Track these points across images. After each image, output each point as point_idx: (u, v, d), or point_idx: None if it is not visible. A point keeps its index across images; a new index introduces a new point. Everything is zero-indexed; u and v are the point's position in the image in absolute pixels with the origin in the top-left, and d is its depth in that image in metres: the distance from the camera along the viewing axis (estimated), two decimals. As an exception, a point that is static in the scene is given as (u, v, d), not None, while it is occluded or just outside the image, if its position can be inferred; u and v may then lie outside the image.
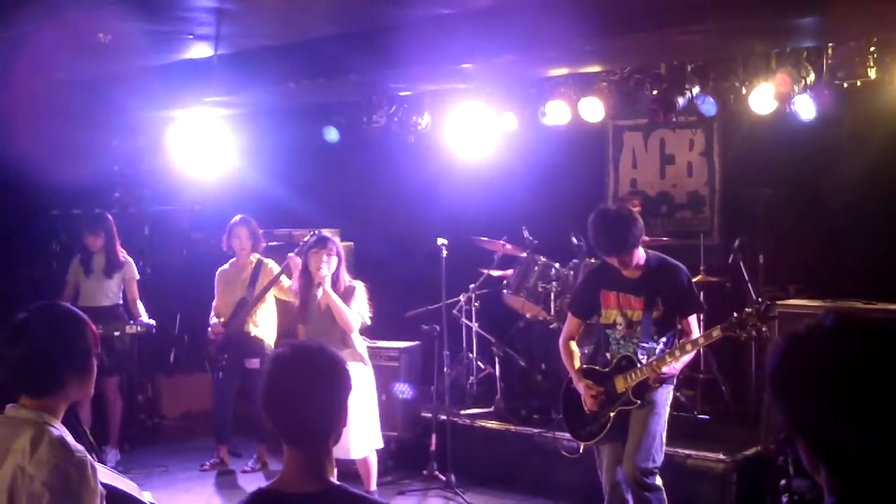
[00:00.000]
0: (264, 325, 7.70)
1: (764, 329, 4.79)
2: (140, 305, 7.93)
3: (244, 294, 7.64)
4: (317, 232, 7.66)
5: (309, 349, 2.49)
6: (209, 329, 7.69)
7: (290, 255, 7.44)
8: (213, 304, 7.81)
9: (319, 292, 6.33)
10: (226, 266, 7.85)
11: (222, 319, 7.66)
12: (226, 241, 7.79)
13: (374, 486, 6.48)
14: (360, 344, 6.46)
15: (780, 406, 1.74)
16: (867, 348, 1.66)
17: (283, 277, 7.56)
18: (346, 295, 6.33)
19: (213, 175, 9.54)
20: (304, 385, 2.40)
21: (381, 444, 6.58)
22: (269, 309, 7.76)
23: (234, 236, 7.73)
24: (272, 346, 7.67)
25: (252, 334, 7.62)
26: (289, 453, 2.47)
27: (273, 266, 7.73)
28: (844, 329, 1.70)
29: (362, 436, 6.25)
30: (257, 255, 7.81)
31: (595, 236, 5.10)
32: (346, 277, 6.44)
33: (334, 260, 6.33)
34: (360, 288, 6.45)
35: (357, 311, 6.35)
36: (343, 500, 2.47)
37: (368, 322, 6.48)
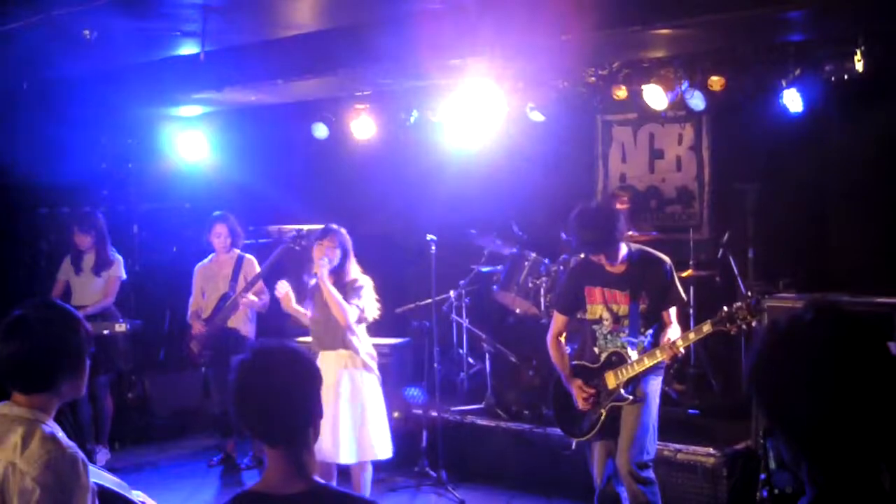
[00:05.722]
0: (246, 320, 7.70)
1: (754, 323, 4.79)
2: (100, 304, 7.81)
3: (226, 289, 7.62)
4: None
5: (270, 351, 2.49)
6: (191, 326, 7.69)
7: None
8: (191, 300, 7.78)
9: (312, 281, 6.12)
10: (205, 261, 7.83)
11: (205, 315, 7.65)
12: (205, 236, 7.77)
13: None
14: (363, 346, 6.12)
15: (763, 401, 1.76)
16: (848, 342, 1.69)
17: (262, 282, 7.56)
18: (349, 289, 6.00)
19: (203, 172, 9.50)
20: (271, 386, 2.41)
21: (384, 455, 6.02)
22: None
23: (214, 234, 7.70)
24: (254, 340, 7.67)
25: (234, 329, 7.61)
26: (270, 454, 2.47)
27: (254, 262, 7.72)
28: (824, 323, 1.72)
29: (355, 442, 5.90)
30: (237, 251, 7.79)
31: (578, 235, 5.09)
32: (353, 270, 6.09)
33: (338, 252, 6.02)
34: (366, 283, 6.09)
35: (358, 305, 6.00)
36: (327, 499, 2.46)
37: (370, 318, 6.14)
